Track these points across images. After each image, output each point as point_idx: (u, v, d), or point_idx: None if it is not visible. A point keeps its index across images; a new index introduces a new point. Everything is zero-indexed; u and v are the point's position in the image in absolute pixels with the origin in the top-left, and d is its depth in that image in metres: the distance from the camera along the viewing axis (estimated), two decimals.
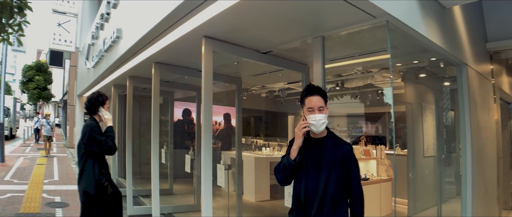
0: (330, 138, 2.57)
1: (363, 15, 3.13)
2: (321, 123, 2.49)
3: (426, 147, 6.01)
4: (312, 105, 2.51)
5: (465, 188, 5.06)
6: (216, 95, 7.33)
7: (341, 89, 8.66)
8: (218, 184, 5.97)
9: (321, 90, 2.57)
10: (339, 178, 2.48)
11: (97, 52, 8.55)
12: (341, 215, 2.51)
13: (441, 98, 6.29)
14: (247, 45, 4.49)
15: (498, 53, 6.81)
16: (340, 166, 2.48)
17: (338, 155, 2.49)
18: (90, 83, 10.76)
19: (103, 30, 8.05)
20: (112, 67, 7.41)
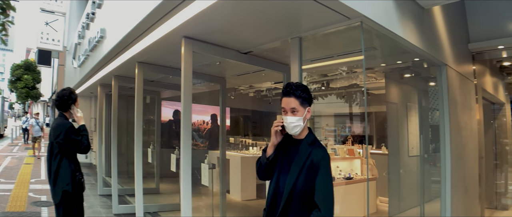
0: (306, 142, 2.47)
1: (337, 16, 3.16)
2: (292, 126, 2.42)
3: (411, 147, 6.03)
4: (284, 105, 2.45)
5: (444, 187, 5.12)
6: (203, 94, 7.40)
7: (327, 89, 8.73)
8: (202, 183, 5.99)
9: (295, 92, 2.42)
10: (307, 183, 2.37)
11: (83, 51, 8.54)
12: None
13: (425, 98, 6.32)
14: (227, 45, 4.52)
15: (481, 53, 6.86)
16: (308, 172, 2.37)
17: (309, 160, 2.38)
18: (77, 82, 10.72)
19: (88, 30, 8.04)
20: (97, 67, 7.42)
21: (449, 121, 5.16)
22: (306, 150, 2.42)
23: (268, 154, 2.55)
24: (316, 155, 2.38)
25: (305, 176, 2.37)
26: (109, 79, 7.98)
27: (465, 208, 5.86)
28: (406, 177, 6.01)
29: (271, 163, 2.56)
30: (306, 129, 2.52)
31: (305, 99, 2.44)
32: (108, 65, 6.98)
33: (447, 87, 5.17)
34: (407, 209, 5.95)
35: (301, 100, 2.42)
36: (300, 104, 2.41)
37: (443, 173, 5.17)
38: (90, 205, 7.91)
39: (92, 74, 8.59)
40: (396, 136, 5.80)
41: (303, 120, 2.43)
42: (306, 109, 2.44)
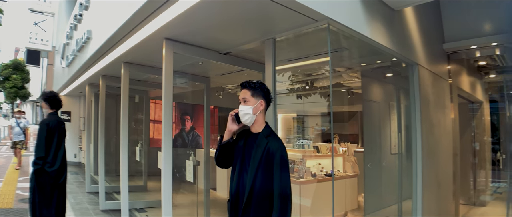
0: (263, 135, 2.68)
1: (305, 19, 3.37)
2: (243, 113, 2.68)
3: (386, 145, 6.10)
4: (239, 96, 2.75)
5: (415, 183, 5.32)
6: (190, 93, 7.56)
7: (311, 88, 8.92)
8: (187, 179, 6.18)
9: (248, 85, 2.71)
10: (266, 177, 2.57)
11: (71, 51, 8.68)
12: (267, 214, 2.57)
13: (402, 97, 6.45)
14: (207, 46, 4.71)
15: (456, 53, 7.04)
16: (266, 165, 2.57)
17: (265, 150, 2.58)
18: (65, 82, 10.84)
19: (76, 31, 8.19)
20: (84, 67, 7.57)
21: (420, 119, 5.37)
22: (263, 141, 2.63)
23: (225, 139, 2.79)
24: (272, 145, 2.59)
25: (264, 169, 2.58)
26: (97, 79, 8.15)
27: (438, 204, 6.05)
28: (382, 175, 6.11)
29: (226, 149, 2.80)
30: (263, 123, 2.76)
31: (256, 92, 2.70)
32: (95, 65, 7.15)
33: (418, 86, 5.38)
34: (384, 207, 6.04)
35: (252, 92, 2.70)
36: (251, 96, 2.69)
37: (415, 169, 5.36)
38: (78, 202, 8.08)
39: (80, 74, 8.74)
40: (371, 134, 5.96)
41: (254, 110, 2.68)
42: (258, 101, 2.70)
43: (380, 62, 5.86)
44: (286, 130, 10.68)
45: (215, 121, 11.28)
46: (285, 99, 9.85)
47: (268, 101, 2.77)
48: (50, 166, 5.09)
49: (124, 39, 4.88)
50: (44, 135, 5.07)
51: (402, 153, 5.95)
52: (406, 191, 5.63)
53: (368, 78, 6.19)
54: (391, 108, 6.33)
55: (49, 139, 5.13)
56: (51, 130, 5.15)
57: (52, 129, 5.16)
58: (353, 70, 7.23)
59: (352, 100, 8.98)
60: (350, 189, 7.61)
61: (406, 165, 5.68)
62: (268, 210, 2.56)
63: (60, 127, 5.30)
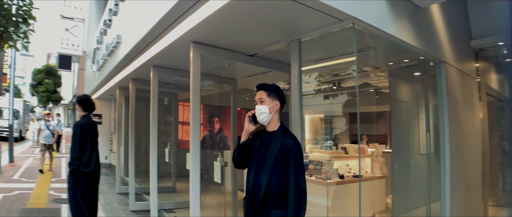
0: (278, 132, 2.81)
1: (330, 19, 3.41)
2: (259, 112, 2.79)
3: (415, 145, 5.99)
4: (256, 98, 2.86)
5: (443, 184, 5.23)
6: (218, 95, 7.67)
7: (338, 89, 8.88)
8: (215, 180, 6.27)
9: (264, 86, 2.86)
10: (282, 173, 2.69)
11: (101, 56, 8.94)
12: (284, 210, 2.66)
13: (430, 96, 6.37)
14: (233, 48, 4.80)
15: (484, 50, 6.87)
16: (282, 161, 2.69)
17: (282, 146, 2.70)
18: (96, 86, 11.15)
19: (106, 35, 8.43)
20: (114, 70, 7.78)
21: (448, 119, 5.29)
22: (279, 138, 2.76)
23: (242, 140, 2.90)
24: (288, 142, 2.71)
25: (280, 166, 2.68)
26: (127, 82, 8.37)
27: (466, 205, 5.93)
28: (410, 176, 6.03)
29: (244, 150, 2.91)
30: (278, 123, 2.87)
31: (271, 93, 2.83)
32: (125, 69, 7.35)
33: (446, 84, 5.30)
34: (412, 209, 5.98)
35: (268, 92, 2.83)
36: (267, 96, 2.82)
37: (443, 170, 5.29)
38: (109, 202, 8.30)
39: (110, 77, 8.98)
40: (399, 134, 5.89)
41: (270, 110, 2.80)
42: (274, 101, 2.83)
43: (407, 61, 5.81)
44: (314, 131, 10.66)
45: (242, 122, 11.32)
46: (312, 100, 9.84)
47: (282, 102, 2.90)
48: (85, 167, 5.29)
49: (152, 43, 5.03)
50: (78, 136, 5.28)
51: (430, 153, 5.86)
52: (435, 192, 5.55)
53: (395, 77, 6.14)
54: (419, 108, 6.25)
55: (83, 140, 5.32)
56: (85, 131, 5.34)
57: (86, 130, 5.35)
58: (380, 69, 7.17)
59: (380, 100, 8.88)
60: (378, 191, 7.52)
61: (435, 165, 5.59)
62: (284, 206, 2.67)
63: (93, 129, 5.49)
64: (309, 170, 7.06)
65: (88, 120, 5.53)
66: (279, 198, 2.68)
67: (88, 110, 5.63)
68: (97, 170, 5.52)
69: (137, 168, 9.17)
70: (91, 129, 5.45)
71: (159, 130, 9.54)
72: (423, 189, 5.96)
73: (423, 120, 6.05)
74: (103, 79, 9.42)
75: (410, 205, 5.98)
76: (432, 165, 5.79)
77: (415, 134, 6.00)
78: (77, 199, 5.40)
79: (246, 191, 2.89)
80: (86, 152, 5.34)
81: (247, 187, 2.88)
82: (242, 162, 2.98)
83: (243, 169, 3.03)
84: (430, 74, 5.59)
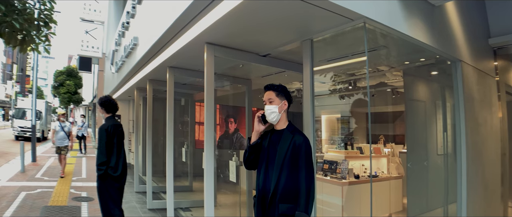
0: (287, 130, 2.89)
1: (341, 19, 3.42)
2: (269, 112, 2.88)
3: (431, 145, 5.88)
4: (264, 98, 2.96)
5: (460, 185, 5.17)
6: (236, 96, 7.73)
7: (354, 88, 8.83)
8: (230, 179, 6.34)
9: (272, 87, 2.95)
10: (292, 170, 2.75)
11: (119, 57, 9.10)
12: (292, 204, 2.74)
13: (450, 95, 6.24)
14: (247, 49, 4.85)
15: (503, 48, 6.69)
16: (292, 158, 2.76)
17: (292, 143, 2.77)
18: (114, 87, 11.35)
19: (124, 38, 8.59)
20: (132, 71, 7.92)
21: (465, 118, 5.22)
22: (288, 135, 2.84)
23: (252, 141, 2.97)
24: (298, 139, 2.79)
25: (290, 163, 2.75)
26: (144, 83, 8.51)
27: (484, 206, 5.83)
28: (426, 176, 5.93)
29: (254, 151, 2.97)
30: (286, 121, 2.96)
31: (279, 93, 2.92)
32: (142, 70, 7.47)
33: (462, 83, 5.24)
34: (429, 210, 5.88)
35: (276, 92, 2.92)
36: (276, 96, 2.91)
37: (459, 170, 5.22)
38: (127, 200, 8.43)
39: (128, 78, 9.13)
40: (414, 134, 5.84)
41: (279, 109, 2.89)
42: (282, 101, 2.92)
43: (423, 60, 5.75)
44: (331, 132, 10.64)
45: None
46: (329, 100, 9.82)
47: (289, 101, 2.99)
48: (114, 171, 5.40)
49: (168, 44, 5.12)
50: (104, 140, 5.38)
51: (447, 153, 5.79)
52: (452, 193, 5.47)
53: (411, 76, 6.09)
54: (435, 107, 6.17)
55: (109, 144, 5.42)
56: (110, 135, 5.43)
57: (111, 134, 5.45)
58: (396, 68, 7.12)
59: (397, 100, 8.80)
60: (395, 191, 7.48)
61: (452, 166, 5.52)
62: (293, 201, 2.74)
63: (118, 130, 5.58)
64: (324, 169, 7.08)
65: (113, 122, 5.61)
66: (289, 194, 2.74)
67: (111, 111, 5.74)
68: (124, 173, 5.64)
69: (155, 167, 9.30)
70: (117, 131, 5.54)
71: (176, 130, 9.68)
72: (440, 190, 5.87)
73: (440, 120, 5.96)
74: (121, 80, 9.58)
75: (426, 206, 5.92)
76: (449, 165, 5.70)
77: (431, 134, 5.92)
78: (107, 204, 5.55)
79: (256, 189, 2.96)
80: (112, 156, 5.42)
81: (257, 186, 2.95)
82: (253, 162, 3.04)
83: (254, 169, 3.09)
84: (447, 73, 5.53)
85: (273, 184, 2.77)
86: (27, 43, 5.75)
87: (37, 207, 7.33)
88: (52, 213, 7.02)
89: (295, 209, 2.69)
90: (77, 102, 33.23)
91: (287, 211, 2.71)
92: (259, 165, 2.97)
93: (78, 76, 32.89)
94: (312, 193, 2.71)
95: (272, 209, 2.79)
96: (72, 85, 31.54)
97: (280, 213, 2.73)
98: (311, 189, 2.70)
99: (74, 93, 31.99)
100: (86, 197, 8.60)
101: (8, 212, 6.96)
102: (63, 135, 11.21)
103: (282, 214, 2.73)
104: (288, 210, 2.71)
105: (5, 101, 61.53)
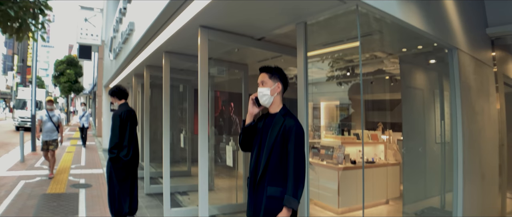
0: (280, 114, 2.87)
1: (332, 1, 3.41)
2: (261, 95, 2.88)
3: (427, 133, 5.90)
4: (258, 80, 2.93)
5: (456, 174, 5.15)
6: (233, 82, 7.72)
7: (352, 75, 8.81)
8: (227, 164, 6.37)
9: (266, 68, 2.93)
10: (282, 152, 2.75)
11: (117, 44, 9.09)
12: (281, 188, 2.73)
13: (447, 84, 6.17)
14: (241, 32, 4.80)
15: (501, 38, 6.63)
16: (282, 141, 2.75)
17: (282, 127, 2.76)
18: (113, 74, 11.34)
19: (121, 24, 8.56)
20: (129, 58, 7.91)
21: (461, 106, 5.20)
22: (280, 120, 2.82)
23: (247, 123, 2.98)
24: (289, 122, 2.77)
25: (280, 146, 2.75)
26: (142, 70, 8.50)
27: (481, 196, 5.82)
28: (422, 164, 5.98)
29: (249, 132, 2.98)
30: (280, 105, 2.94)
31: (273, 75, 2.89)
32: (138, 56, 7.45)
33: (458, 71, 5.20)
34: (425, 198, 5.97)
35: (269, 74, 2.89)
36: (269, 78, 2.89)
37: (455, 159, 5.19)
38: None
39: (125, 65, 9.12)
40: (411, 122, 5.83)
41: (271, 92, 2.87)
42: (275, 84, 2.89)
43: (421, 47, 5.72)
44: (330, 118, 10.65)
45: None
46: (327, 87, 9.82)
47: (285, 84, 2.95)
48: (125, 155, 5.57)
49: (162, 28, 5.10)
50: (118, 126, 5.56)
51: (444, 142, 5.79)
52: (449, 182, 5.46)
53: (407, 64, 6.07)
54: (432, 95, 6.16)
55: (122, 129, 5.60)
56: (123, 121, 5.61)
57: (125, 119, 5.63)
58: (393, 55, 7.09)
59: (395, 88, 8.79)
60: (392, 177, 7.54)
61: (449, 154, 5.50)
62: (281, 184, 2.74)
63: (131, 116, 5.75)
64: (320, 154, 7.11)
65: (126, 108, 5.79)
66: (277, 176, 2.75)
67: (123, 97, 5.93)
68: (136, 158, 5.81)
69: (154, 154, 9.43)
70: (130, 117, 5.72)
71: (175, 116, 9.69)
72: (436, 179, 5.91)
73: (437, 109, 5.95)
74: (119, 66, 9.58)
75: (422, 194, 5.95)
76: (446, 154, 5.69)
77: (428, 122, 5.95)
78: (114, 188, 5.69)
79: (249, 170, 2.97)
80: (125, 140, 5.61)
81: (250, 166, 2.97)
82: (247, 144, 3.05)
83: (249, 151, 3.09)
84: (445, 61, 5.49)
85: (262, 167, 2.77)
86: (24, 31, 5.76)
87: (36, 195, 7.38)
88: (50, 201, 7.07)
89: (283, 192, 2.69)
90: (78, 91, 33.18)
91: (275, 194, 2.72)
92: (253, 147, 2.98)
93: (79, 65, 32.83)
94: (302, 177, 2.69)
95: (261, 191, 2.80)
96: (73, 74, 31.49)
97: (268, 196, 2.74)
98: (300, 174, 2.68)
99: (75, 82, 31.94)
100: (84, 184, 8.67)
101: (6, 200, 7.04)
102: (51, 127, 9.44)
103: (270, 196, 2.73)
104: (276, 192, 2.72)
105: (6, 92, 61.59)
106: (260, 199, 2.80)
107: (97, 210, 6.56)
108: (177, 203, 7.31)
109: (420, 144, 5.86)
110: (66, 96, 37.36)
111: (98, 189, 8.17)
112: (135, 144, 5.77)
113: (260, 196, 2.80)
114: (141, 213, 6.58)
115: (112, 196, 5.70)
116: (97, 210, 6.59)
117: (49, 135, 9.37)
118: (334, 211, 6.62)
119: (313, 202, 6.93)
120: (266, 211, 2.74)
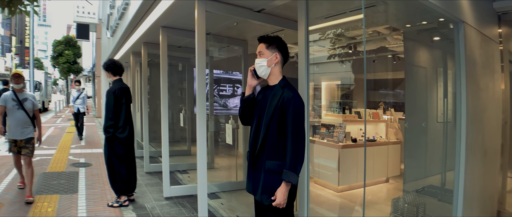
0: (279, 86, 2.74)
1: None
2: (258, 66, 2.76)
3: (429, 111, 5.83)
4: (256, 51, 2.82)
5: (458, 150, 5.01)
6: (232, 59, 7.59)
7: (354, 53, 8.63)
8: (227, 142, 6.28)
9: (263, 38, 2.81)
10: (280, 124, 2.64)
11: (113, 21, 8.92)
12: (279, 162, 2.65)
13: (452, 61, 6.02)
14: (240, 3, 4.62)
15: (509, 13, 6.36)
16: (281, 113, 2.63)
17: (281, 98, 2.64)
18: (110, 52, 11.18)
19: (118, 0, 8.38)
20: (125, 34, 7.76)
21: (466, 81, 5.07)
22: (278, 92, 2.69)
23: (246, 94, 2.88)
24: (287, 94, 2.65)
25: (278, 118, 2.64)
26: (139, 47, 8.34)
27: (482, 175, 5.71)
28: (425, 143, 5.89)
29: (248, 105, 2.88)
30: (280, 76, 2.81)
31: (271, 45, 2.76)
32: (135, 32, 7.29)
33: (464, 45, 5.05)
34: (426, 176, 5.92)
35: (266, 45, 2.76)
36: (266, 48, 2.76)
37: (458, 136, 5.05)
38: None
39: (122, 42, 8.97)
40: (413, 100, 5.73)
41: (268, 63, 2.74)
42: (273, 54, 2.75)
43: (425, 23, 5.57)
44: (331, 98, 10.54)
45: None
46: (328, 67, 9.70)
47: (285, 55, 2.83)
48: (121, 132, 5.49)
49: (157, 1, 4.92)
50: (112, 103, 5.43)
51: (447, 121, 5.68)
52: (451, 160, 5.31)
53: (411, 41, 5.93)
54: (436, 74, 6.05)
55: (117, 107, 5.48)
56: (118, 98, 5.48)
57: (119, 97, 5.50)
58: (397, 32, 6.93)
59: (398, 66, 8.65)
60: (393, 156, 7.50)
61: (452, 133, 5.36)
62: (280, 157, 2.65)
63: (126, 93, 5.61)
64: (321, 132, 7.02)
65: (120, 85, 5.64)
66: (275, 149, 2.66)
67: (118, 74, 5.75)
68: (131, 135, 5.72)
69: (154, 133, 9.45)
70: (124, 94, 5.58)
71: (175, 96, 9.58)
72: (438, 157, 5.81)
73: (441, 87, 5.84)
74: (116, 44, 9.43)
75: (423, 172, 5.89)
76: (448, 132, 5.58)
77: (431, 100, 5.84)
78: (113, 165, 5.62)
79: (249, 143, 2.87)
80: (120, 118, 5.50)
81: (249, 140, 2.87)
82: (247, 117, 2.95)
83: (249, 125, 2.98)
84: (450, 38, 5.34)
85: (261, 138, 2.68)
86: (14, 5, 5.57)
87: (36, 174, 7.30)
88: (50, 179, 7.06)
89: (282, 167, 2.60)
90: (77, 72, 33.00)
91: (273, 168, 2.64)
92: (252, 120, 2.89)
93: (77, 45, 32.60)
94: (301, 151, 2.59)
95: (259, 165, 2.73)
96: (71, 54, 31.27)
97: (266, 169, 2.66)
98: (299, 148, 2.58)
99: (74, 63, 31.76)
100: (84, 163, 8.66)
101: (6, 179, 7.04)
102: (21, 117, 5.80)
103: (268, 170, 2.66)
104: (274, 166, 2.64)
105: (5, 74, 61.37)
106: (259, 173, 2.73)
107: (97, 188, 6.55)
108: (177, 181, 7.29)
109: (422, 122, 5.75)
110: (65, 77, 37.18)
111: (98, 168, 8.15)
112: (130, 121, 5.69)
113: (259, 170, 2.73)
114: (141, 190, 6.55)
115: (113, 175, 5.63)
116: (97, 187, 6.59)
117: (20, 131, 5.81)
118: (334, 189, 6.56)
119: (313, 180, 6.87)
120: (264, 186, 2.67)
